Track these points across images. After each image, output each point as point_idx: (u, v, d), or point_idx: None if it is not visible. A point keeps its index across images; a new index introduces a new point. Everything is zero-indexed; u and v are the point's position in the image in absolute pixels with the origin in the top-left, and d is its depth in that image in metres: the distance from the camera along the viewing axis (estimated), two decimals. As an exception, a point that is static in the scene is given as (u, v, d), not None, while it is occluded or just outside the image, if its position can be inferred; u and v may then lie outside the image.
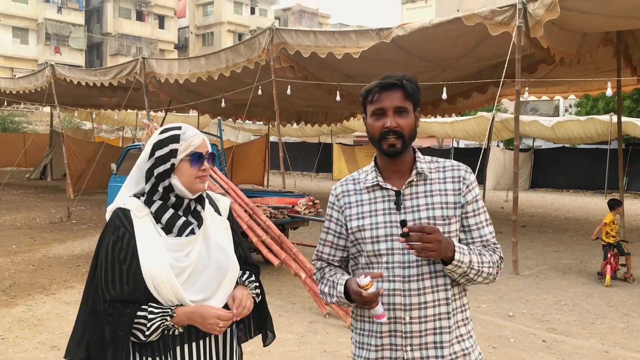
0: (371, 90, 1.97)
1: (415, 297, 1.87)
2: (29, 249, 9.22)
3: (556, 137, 23.12)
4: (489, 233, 1.99)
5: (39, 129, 33.79)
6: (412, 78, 1.99)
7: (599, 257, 9.44)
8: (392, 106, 1.92)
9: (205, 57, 12.15)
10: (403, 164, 1.98)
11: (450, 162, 2.02)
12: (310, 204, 8.30)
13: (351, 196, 2.02)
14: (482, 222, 1.99)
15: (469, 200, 1.97)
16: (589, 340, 5.42)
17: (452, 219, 1.93)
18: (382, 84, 1.95)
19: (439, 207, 1.93)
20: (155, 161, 1.98)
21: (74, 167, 16.98)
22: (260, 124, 24.01)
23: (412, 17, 37.39)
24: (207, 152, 2.00)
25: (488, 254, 1.95)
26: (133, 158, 9.81)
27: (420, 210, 1.92)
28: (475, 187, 2.00)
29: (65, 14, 46.25)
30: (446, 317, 1.89)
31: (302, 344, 5.13)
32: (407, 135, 1.92)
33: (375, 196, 1.98)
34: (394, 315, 1.89)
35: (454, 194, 1.95)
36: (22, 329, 5.40)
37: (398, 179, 1.97)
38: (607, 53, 10.59)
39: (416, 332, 1.87)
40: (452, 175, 1.98)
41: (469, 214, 1.97)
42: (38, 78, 17.11)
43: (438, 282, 1.90)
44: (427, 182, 1.96)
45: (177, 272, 1.90)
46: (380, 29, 9.33)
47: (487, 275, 1.92)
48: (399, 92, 1.93)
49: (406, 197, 1.94)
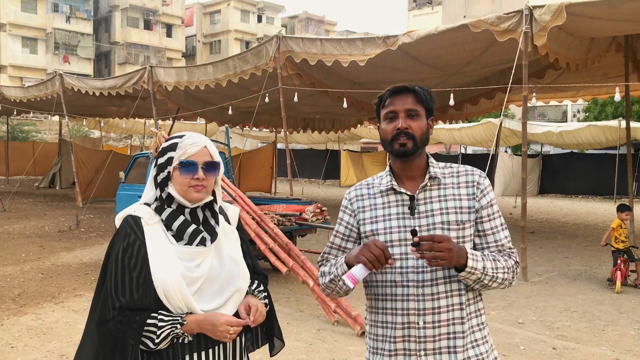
0: (384, 95, 2.02)
1: (429, 302, 1.88)
2: (38, 258, 9.26)
3: (564, 142, 23.04)
4: (504, 237, 1.99)
5: (47, 137, 34.01)
6: (426, 88, 2.04)
7: (608, 264, 9.38)
8: (403, 109, 1.95)
9: (213, 64, 12.21)
10: (417, 169, 1.99)
11: (464, 167, 2.04)
12: (317, 211, 8.30)
13: (365, 200, 2.03)
14: (497, 226, 1.98)
15: (484, 204, 1.97)
16: (600, 348, 5.37)
17: (466, 224, 1.93)
18: (394, 89, 2.00)
19: (453, 211, 1.93)
20: (157, 169, 2.00)
21: (83, 176, 17.07)
22: (266, 132, 24.04)
23: (419, 24, 37.38)
24: (204, 161, 1.96)
25: (503, 259, 1.94)
26: (141, 166, 9.88)
27: (434, 215, 1.92)
28: (490, 192, 2.00)
29: (73, 23, 46.64)
30: (460, 322, 1.89)
31: (311, 352, 5.11)
32: (418, 137, 1.94)
33: (389, 200, 1.98)
34: (408, 320, 1.89)
35: (468, 198, 1.96)
36: (31, 337, 5.41)
37: (412, 184, 1.98)
38: (615, 58, 10.55)
39: (430, 337, 1.87)
40: (466, 180, 1.99)
41: (483, 218, 1.97)
42: (47, 87, 17.24)
43: (452, 287, 1.89)
44: (440, 186, 1.97)
45: (188, 282, 1.89)
46: (386, 36, 9.35)
47: (502, 280, 1.91)
48: (411, 96, 1.97)
49: (420, 201, 1.95)
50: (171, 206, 1.96)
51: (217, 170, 2.00)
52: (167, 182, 1.96)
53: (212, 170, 1.98)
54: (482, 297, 2.01)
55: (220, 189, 2.10)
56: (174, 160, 1.95)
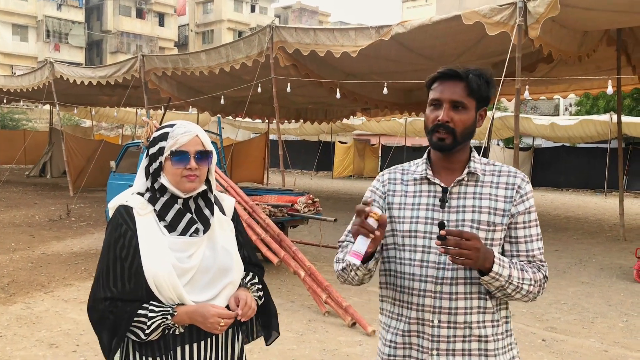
0: (434, 78, 1.88)
1: (446, 301, 1.78)
2: (28, 247, 9.21)
3: (556, 136, 23.15)
4: (537, 249, 1.86)
5: (38, 126, 33.80)
6: (484, 72, 1.86)
7: (599, 257, 9.46)
8: (448, 99, 1.81)
9: (205, 52, 12.13)
10: (456, 162, 1.87)
11: (507, 167, 1.90)
12: (309, 202, 8.29)
13: (397, 185, 1.93)
14: (531, 235, 1.85)
15: (521, 210, 1.84)
16: (589, 340, 5.41)
17: (498, 227, 1.81)
18: (444, 73, 1.85)
19: (487, 211, 1.81)
20: (149, 159, 1.97)
21: (74, 165, 16.96)
22: (259, 122, 23.98)
23: (413, 16, 37.27)
24: (196, 150, 1.93)
25: (531, 270, 1.81)
26: (132, 156, 9.82)
27: (466, 212, 1.82)
28: (530, 199, 1.87)
29: (65, 11, 46.25)
30: (477, 327, 1.79)
31: (301, 342, 5.12)
32: (459, 132, 1.81)
33: (421, 189, 1.88)
34: (423, 317, 1.81)
35: (505, 201, 1.83)
36: (21, 326, 5.38)
37: (448, 176, 1.87)
38: (607, 52, 10.57)
39: (444, 337, 1.79)
40: (506, 181, 1.86)
41: (518, 225, 1.84)
42: (37, 76, 17.09)
43: (473, 289, 1.79)
44: (478, 183, 1.85)
45: (179, 272, 1.88)
46: (380, 26, 9.31)
47: (527, 293, 1.79)
48: (461, 85, 1.82)
49: (453, 195, 1.84)
50: (164, 196, 1.94)
51: (209, 159, 1.97)
52: (160, 173, 1.94)
53: (204, 159, 1.95)
54: (507, 304, 1.89)
55: (214, 178, 2.07)
56: (166, 150, 1.92)
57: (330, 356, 4.81)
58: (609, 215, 15.62)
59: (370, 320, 5.54)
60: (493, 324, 1.82)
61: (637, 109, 24.93)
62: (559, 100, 33.81)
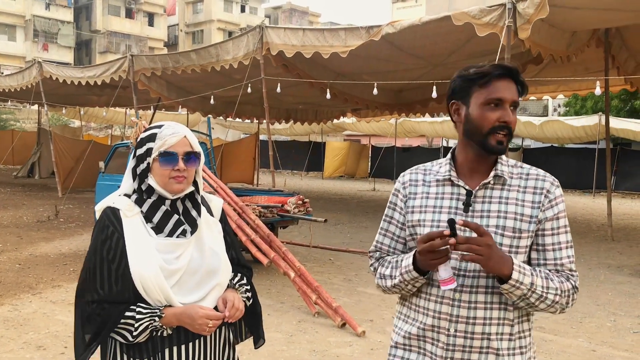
0: (487, 73, 1.74)
1: (464, 310, 1.70)
2: (16, 248, 9.13)
3: (545, 136, 23.29)
4: (566, 257, 1.75)
5: (26, 126, 33.48)
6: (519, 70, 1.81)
7: (587, 257, 9.52)
8: (512, 99, 1.73)
9: (195, 51, 12.07)
10: (484, 164, 1.79)
11: (535, 170, 1.81)
12: (299, 202, 8.28)
13: (418, 187, 1.85)
14: (559, 242, 1.75)
15: (549, 216, 1.75)
16: (577, 339, 5.44)
17: (524, 233, 1.72)
18: (502, 71, 1.74)
19: (512, 217, 1.72)
20: (136, 160, 1.96)
21: (62, 166, 16.84)
22: (249, 122, 23.94)
23: (403, 16, 37.32)
24: (184, 152, 1.92)
25: (558, 280, 1.71)
26: (121, 156, 9.76)
27: (490, 217, 1.72)
28: (560, 204, 1.78)
29: (53, 10, 45.97)
30: (496, 339, 1.71)
31: (291, 343, 5.11)
32: (512, 134, 1.75)
33: (443, 191, 1.79)
34: (438, 324, 1.73)
35: (532, 206, 1.74)
36: (8, 328, 5.33)
37: (473, 179, 1.78)
38: (595, 53, 10.64)
39: (459, 347, 1.71)
40: (534, 185, 1.77)
41: (546, 231, 1.75)
42: (25, 75, 16.95)
43: (494, 299, 1.70)
44: (504, 187, 1.76)
45: (166, 274, 1.87)
46: (370, 26, 9.31)
47: (553, 303, 1.69)
48: (514, 86, 1.75)
49: (478, 199, 1.75)
50: (151, 197, 1.93)
51: (197, 161, 1.97)
52: (147, 174, 1.93)
53: (192, 160, 1.94)
54: (530, 317, 1.80)
55: (202, 179, 2.07)
56: (154, 151, 1.91)
57: (320, 357, 4.80)
58: (597, 215, 15.73)
59: (360, 320, 5.54)
60: (512, 337, 1.73)
61: (624, 109, 25.13)
62: (547, 101, 34.03)
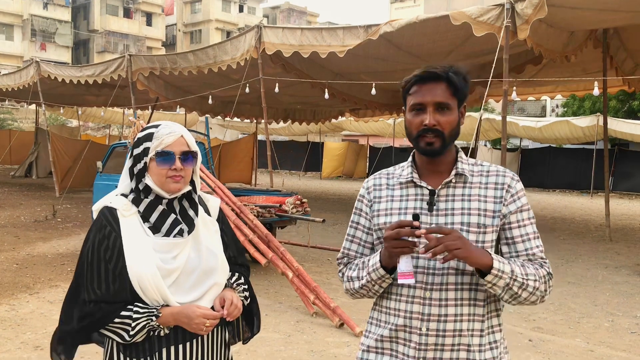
0: (411, 81, 1.80)
1: (435, 308, 1.72)
2: (13, 248, 9.11)
3: (543, 137, 23.33)
4: (535, 247, 1.80)
5: (24, 126, 33.43)
6: (461, 69, 1.80)
7: (585, 257, 9.53)
8: (432, 102, 1.74)
9: (193, 52, 12.06)
10: (442, 164, 1.82)
11: (495, 167, 1.85)
12: (298, 202, 8.28)
13: (382, 190, 1.88)
14: (527, 234, 1.80)
15: (512, 210, 1.79)
16: (575, 340, 5.44)
17: (488, 228, 1.76)
18: (424, 75, 1.78)
19: (476, 213, 1.76)
20: (133, 160, 1.96)
21: (60, 165, 16.81)
22: (247, 122, 23.93)
23: (401, 16, 37.43)
24: (181, 151, 1.92)
25: (533, 267, 1.76)
26: (119, 156, 9.75)
27: (455, 215, 1.76)
28: (522, 197, 1.82)
29: (51, 10, 45.88)
30: (468, 335, 1.73)
31: (289, 343, 5.11)
32: (447, 135, 1.75)
33: (407, 193, 1.82)
34: (410, 324, 1.74)
35: (495, 201, 1.78)
36: (5, 328, 5.32)
37: (435, 179, 1.81)
38: (593, 54, 10.65)
39: (431, 345, 1.72)
40: (495, 181, 1.81)
41: (512, 224, 1.79)
42: (23, 75, 16.92)
43: (463, 295, 1.73)
44: (466, 185, 1.80)
45: (164, 274, 1.87)
46: (368, 25, 9.30)
47: (534, 290, 1.72)
48: (443, 86, 1.76)
49: (441, 198, 1.78)
50: (148, 197, 1.93)
51: (194, 160, 1.97)
52: (144, 173, 1.93)
53: (189, 160, 1.94)
54: (499, 313, 1.84)
55: (199, 178, 2.07)
56: (150, 150, 1.91)
57: (318, 357, 4.80)
58: (595, 215, 15.75)
59: (358, 320, 5.54)
60: (482, 332, 1.76)
61: (622, 110, 25.18)
62: (545, 101, 34.07)
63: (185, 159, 1.93)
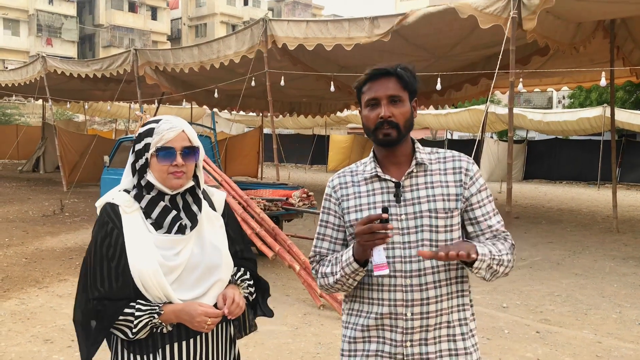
0: (363, 80, 1.92)
1: (417, 293, 1.82)
2: (22, 242, 9.17)
3: (549, 129, 23.22)
4: (496, 222, 1.93)
5: (31, 121, 33.57)
6: (408, 66, 1.93)
7: (592, 248, 9.51)
8: (385, 95, 1.86)
9: (198, 47, 12.06)
10: (401, 155, 1.92)
11: (451, 152, 1.96)
12: (304, 196, 8.29)
13: (349, 188, 1.95)
14: (488, 212, 1.93)
15: (473, 192, 1.91)
16: (582, 331, 5.44)
17: (455, 212, 1.87)
18: (374, 73, 1.90)
19: (440, 198, 1.87)
20: (135, 155, 1.95)
21: (67, 160, 16.86)
22: (253, 115, 23.93)
23: (406, 9, 37.28)
24: (182, 146, 1.90)
25: (500, 242, 1.89)
26: (125, 150, 9.76)
27: (421, 203, 1.86)
28: (480, 178, 1.94)
29: (57, 5, 45.88)
30: (448, 313, 1.86)
31: (297, 335, 5.13)
32: (402, 125, 1.86)
33: (373, 188, 1.91)
34: (395, 311, 1.83)
35: (455, 185, 1.90)
36: (15, 322, 5.37)
37: (397, 170, 1.91)
38: (600, 45, 10.58)
39: (417, 328, 1.82)
40: (453, 166, 1.92)
41: (474, 205, 1.91)
42: (29, 70, 16.97)
43: (440, 277, 1.85)
44: (427, 173, 1.90)
45: (166, 270, 1.86)
46: (374, 17, 9.23)
47: (507, 263, 1.86)
48: (393, 81, 1.88)
49: (406, 188, 1.88)
50: (150, 193, 1.92)
51: (196, 155, 1.94)
52: (146, 169, 1.91)
53: (191, 155, 1.92)
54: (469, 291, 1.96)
55: (202, 173, 2.04)
56: (151, 146, 1.89)
57: (326, 349, 4.82)
58: (602, 207, 15.69)
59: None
60: (459, 308, 1.89)
61: (629, 101, 25.01)
62: (552, 93, 33.89)
63: (187, 154, 1.90)
